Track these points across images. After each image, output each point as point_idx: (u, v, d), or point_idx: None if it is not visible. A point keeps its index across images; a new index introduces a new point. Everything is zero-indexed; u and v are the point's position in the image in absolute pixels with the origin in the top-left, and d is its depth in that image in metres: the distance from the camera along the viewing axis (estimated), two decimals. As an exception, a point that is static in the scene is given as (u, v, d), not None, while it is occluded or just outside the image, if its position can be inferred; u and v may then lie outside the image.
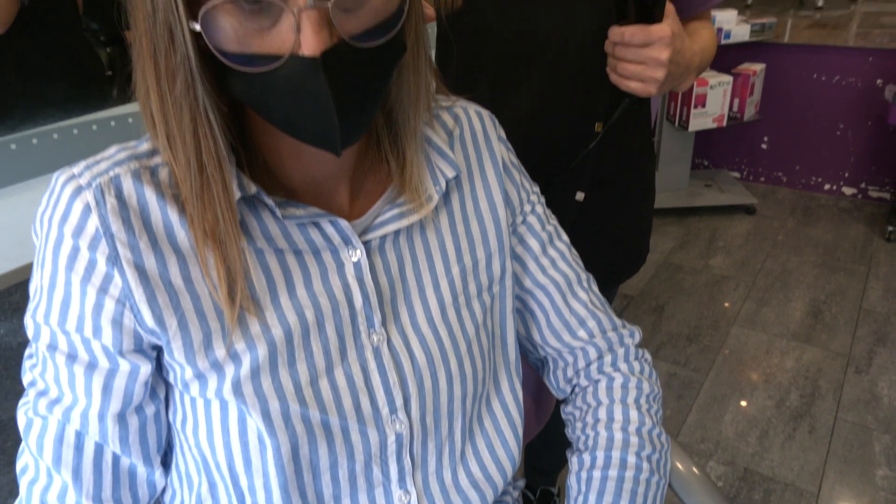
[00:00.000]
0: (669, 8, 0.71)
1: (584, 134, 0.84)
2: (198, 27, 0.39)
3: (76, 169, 0.47)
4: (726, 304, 2.27)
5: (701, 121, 2.63)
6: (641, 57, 0.71)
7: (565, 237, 0.68)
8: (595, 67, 0.80)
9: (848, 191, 2.98)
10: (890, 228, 2.56)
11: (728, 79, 2.58)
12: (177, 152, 0.44)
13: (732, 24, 2.53)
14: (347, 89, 0.41)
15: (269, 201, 0.48)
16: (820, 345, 2.05)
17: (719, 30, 2.53)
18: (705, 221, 2.85)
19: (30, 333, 0.49)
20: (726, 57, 2.81)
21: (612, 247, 0.95)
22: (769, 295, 2.31)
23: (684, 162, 2.93)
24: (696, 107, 2.59)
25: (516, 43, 0.81)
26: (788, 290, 2.33)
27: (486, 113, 0.64)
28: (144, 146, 0.49)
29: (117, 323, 0.46)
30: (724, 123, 2.66)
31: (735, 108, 2.71)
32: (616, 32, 0.73)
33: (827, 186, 3.02)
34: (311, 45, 0.38)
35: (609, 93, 0.81)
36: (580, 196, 0.87)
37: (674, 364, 2.00)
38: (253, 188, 0.48)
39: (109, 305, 0.46)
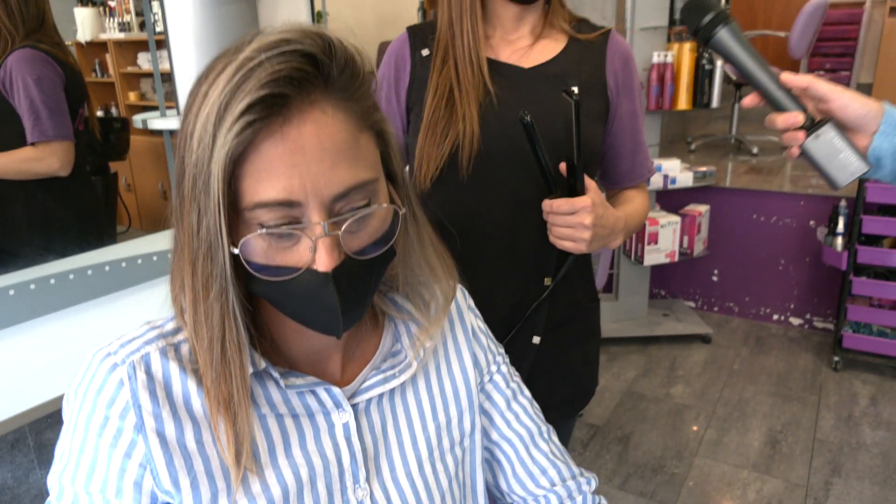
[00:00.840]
0: (590, 183, 0.87)
1: (537, 288, 0.98)
2: (237, 251, 0.49)
3: (111, 347, 0.56)
4: (694, 428, 2.34)
5: (654, 256, 2.83)
6: (569, 223, 0.87)
7: (527, 392, 0.77)
8: (542, 234, 0.94)
9: (795, 321, 3.17)
10: (836, 359, 2.72)
11: (676, 219, 2.82)
12: (202, 338, 0.53)
13: (677, 172, 2.81)
14: (351, 294, 0.52)
15: (276, 374, 0.57)
16: (779, 475, 2.11)
17: (665, 176, 2.81)
18: (665, 350, 2.97)
19: (53, 493, 0.55)
20: (674, 199, 3.09)
21: (565, 382, 1.06)
22: (728, 424, 2.39)
23: (642, 293, 3.11)
24: (649, 244, 2.81)
25: (476, 222, 0.96)
26: (746, 420, 2.42)
27: (458, 286, 0.75)
28: (170, 325, 0.58)
29: (138, 485, 0.53)
30: (676, 259, 2.87)
31: (685, 245, 2.93)
32: (546, 204, 0.89)
33: (775, 317, 3.21)
34: (324, 264, 0.49)
35: (556, 253, 0.96)
36: (536, 340, 1.00)
37: (641, 496, 2.03)
38: (262, 364, 0.56)
39: (132, 469, 0.53)
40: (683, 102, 2.71)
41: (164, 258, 1.41)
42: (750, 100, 0.76)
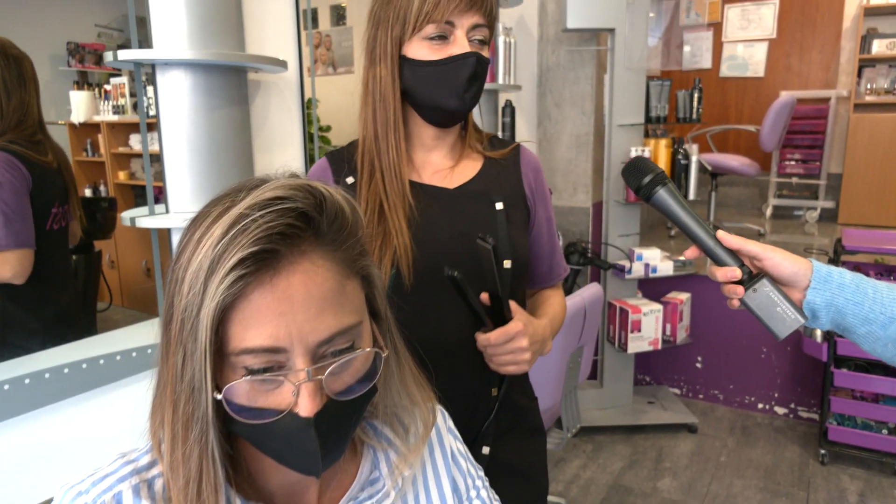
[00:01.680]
0: (513, 304, 0.91)
1: (485, 398, 1.00)
2: (220, 397, 0.50)
3: (83, 486, 0.55)
4: (677, 533, 2.27)
5: (638, 344, 2.85)
6: (508, 350, 0.89)
7: None
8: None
9: (780, 410, 3.16)
10: (822, 451, 2.69)
11: (658, 307, 2.86)
12: (178, 477, 0.53)
13: (657, 261, 2.87)
14: (332, 437, 0.53)
15: None
16: (771, 579, 2.04)
17: (646, 265, 2.87)
18: (651, 439, 2.93)
19: None
20: (655, 288, 3.13)
21: (520, 486, 1.06)
22: (718, 522, 2.33)
23: (626, 380, 3.10)
24: (632, 331, 2.83)
25: (426, 334, 0.95)
26: (736, 517, 2.36)
27: (437, 408, 0.75)
28: (145, 458, 0.58)
29: None
30: (660, 346, 2.88)
31: (668, 333, 2.96)
32: (482, 339, 0.90)
33: (760, 405, 3.20)
34: (306, 409, 0.50)
35: None
36: (486, 450, 1.01)
37: None
38: (238, 502, 0.56)
39: None
40: (661, 195, 2.81)
41: (144, 354, 1.40)
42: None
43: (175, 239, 1.44)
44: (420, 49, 0.91)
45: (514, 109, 2.62)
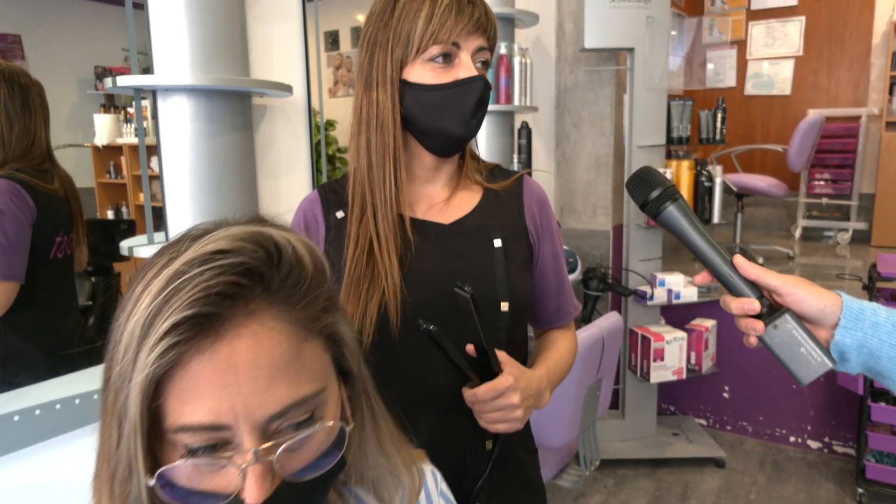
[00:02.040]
0: (502, 355, 0.83)
1: (479, 452, 0.92)
2: (152, 483, 0.44)
3: None
4: (704, 577, 2.14)
5: (661, 373, 2.73)
6: (498, 406, 0.81)
7: None
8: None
9: (813, 444, 3.00)
10: (860, 491, 2.54)
11: (682, 335, 2.75)
12: None
13: (681, 287, 2.77)
14: None
15: None
16: None
17: (669, 291, 2.76)
18: (675, 474, 2.80)
19: None
20: (679, 314, 3.02)
21: None
22: (748, 566, 2.20)
23: (650, 410, 2.98)
24: (655, 360, 2.72)
25: (414, 384, 0.89)
26: (767, 561, 2.22)
27: (428, 469, 0.68)
28: None
29: None
30: (684, 376, 2.76)
31: (693, 361, 2.84)
32: (469, 395, 0.82)
33: (792, 438, 3.05)
34: (253, 496, 0.43)
35: None
36: None
37: None
38: None
39: None
40: (684, 218, 2.72)
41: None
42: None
43: (174, 269, 1.40)
44: (423, 73, 0.86)
45: (531, 131, 2.56)
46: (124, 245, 1.37)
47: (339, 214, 0.93)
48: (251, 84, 1.42)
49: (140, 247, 1.34)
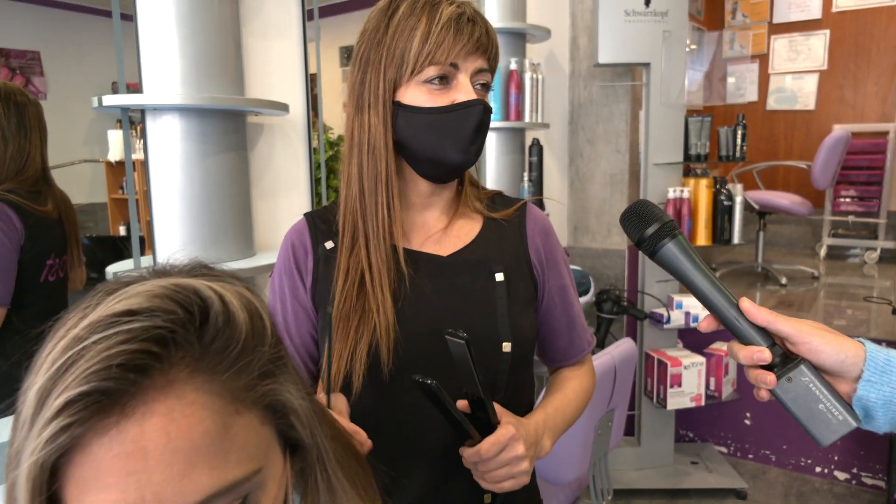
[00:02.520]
0: (497, 407, 0.75)
1: None
2: None
3: None
4: None
5: (678, 400, 2.62)
6: (503, 461, 0.73)
7: None
8: None
9: (841, 475, 2.86)
10: (891, 528, 2.40)
11: (701, 359, 2.63)
12: None
13: (699, 309, 2.66)
14: None
15: None
16: None
17: (687, 313, 2.66)
18: (695, 506, 2.68)
19: None
20: (697, 338, 2.91)
21: None
22: None
23: (667, 437, 2.86)
24: (672, 386, 2.61)
25: (406, 431, 0.82)
26: None
27: None
28: None
29: None
30: (703, 402, 2.65)
31: (712, 387, 2.72)
32: (470, 454, 0.73)
33: (818, 469, 2.91)
34: None
35: None
36: None
37: None
38: None
39: None
40: (703, 238, 2.62)
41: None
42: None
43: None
44: (418, 94, 0.79)
45: (542, 148, 2.49)
46: (109, 270, 1.32)
47: (329, 245, 0.87)
48: (244, 103, 1.38)
49: (126, 273, 1.29)
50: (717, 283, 0.63)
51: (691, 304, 2.67)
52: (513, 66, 2.32)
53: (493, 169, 2.41)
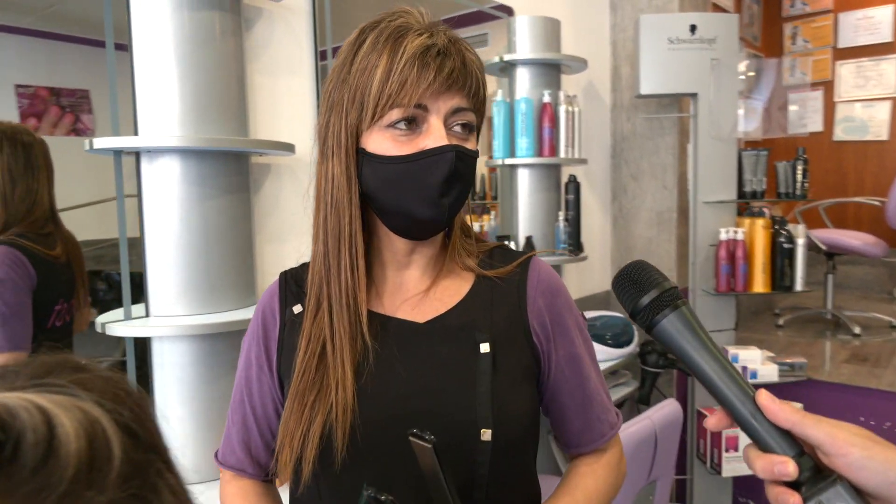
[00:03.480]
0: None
1: None
2: None
3: None
4: None
5: (735, 466, 2.43)
6: None
7: None
8: None
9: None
10: None
11: (761, 420, 2.44)
12: None
13: (758, 364, 2.48)
14: None
15: None
16: None
17: (744, 368, 2.48)
18: (756, 588, 2.45)
19: None
20: (757, 392, 2.71)
21: None
22: None
23: (724, 507, 2.65)
24: (727, 450, 2.42)
25: None
26: None
27: None
28: None
29: None
30: (764, 469, 2.44)
31: (774, 452, 2.51)
32: None
33: (903, 549, 2.63)
34: None
35: None
36: None
37: None
38: None
39: None
40: (760, 284, 2.46)
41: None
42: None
43: (156, 349, 1.31)
44: (382, 141, 0.72)
45: (580, 185, 2.40)
46: (99, 321, 1.28)
47: (297, 309, 0.81)
48: (246, 144, 1.35)
49: (113, 323, 1.25)
50: (730, 367, 0.52)
51: (749, 357, 2.49)
52: (546, 98, 2.25)
53: (526, 208, 2.33)
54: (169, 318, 1.29)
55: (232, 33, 1.34)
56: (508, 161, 2.27)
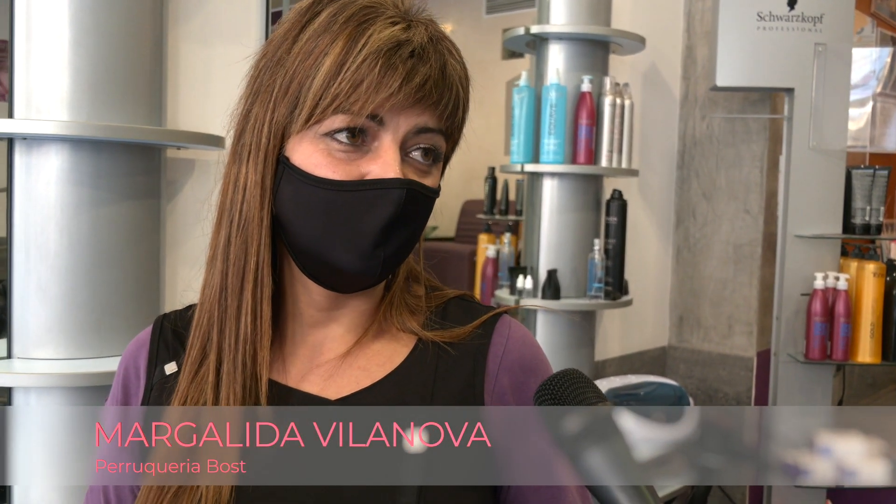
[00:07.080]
0: None
1: None
2: None
3: None
4: None
5: None
6: None
7: None
8: None
9: None
10: None
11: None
12: None
13: (857, 457, 2.40)
14: None
15: None
16: None
17: (839, 466, 2.41)
18: None
19: None
20: (856, 501, 2.64)
21: None
22: None
23: None
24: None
25: None
26: None
27: None
28: None
29: None
30: None
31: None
32: None
33: None
34: None
35: None
36: None
37: None
38: None
39: None
40: (867, 353, 2.40)
41: None
42: None
43: (19, 402, 1.30)
44: (312, 153, 0.69)
45: (625, 204, 2.36)
46: None
47: (170, 368, 0.79)
48: (158, 135, 1.35)
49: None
50: None
51: (847, 450, 2.43)
52: (585, 86, 2.23)
53: (552, 231, 2.30)
54: (38, 361, 1.29)
55: (149, -14, 1.35)
56: (530, 167, 2.25)
